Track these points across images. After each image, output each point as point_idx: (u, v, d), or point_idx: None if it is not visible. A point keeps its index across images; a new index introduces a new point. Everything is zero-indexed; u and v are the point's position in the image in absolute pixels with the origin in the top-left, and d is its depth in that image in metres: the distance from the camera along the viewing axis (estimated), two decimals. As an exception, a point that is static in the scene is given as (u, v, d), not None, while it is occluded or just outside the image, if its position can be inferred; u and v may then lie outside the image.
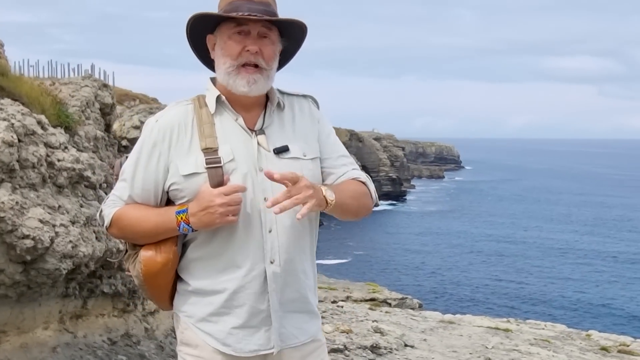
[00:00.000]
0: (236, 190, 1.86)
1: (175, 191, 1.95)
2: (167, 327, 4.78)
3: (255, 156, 1.95)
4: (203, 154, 1.91)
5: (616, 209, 62.74)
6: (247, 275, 1.94)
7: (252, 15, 1.89)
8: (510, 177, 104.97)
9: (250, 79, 1.93)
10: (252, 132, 1.98)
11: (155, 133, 1.96)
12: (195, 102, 2.01)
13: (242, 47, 1.93)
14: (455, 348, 7.79)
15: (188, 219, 1.88)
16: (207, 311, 1.98)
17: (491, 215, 58.59)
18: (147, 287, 2.00)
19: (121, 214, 1.99)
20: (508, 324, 10.82)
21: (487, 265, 37.94)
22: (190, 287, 2.00)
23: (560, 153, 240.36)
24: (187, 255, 2.00)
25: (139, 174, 1.96)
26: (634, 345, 9.76)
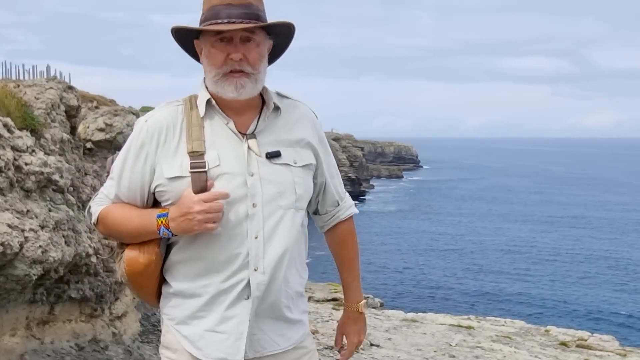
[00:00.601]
0: (217, 197, 1.84)
1: (160, 193, 1.94)
2: (135, 331, 4.74)
3: (245, 161, 1.92)
4: (189, 157, 1.89)
5: (572, 206, 64.02)
6: (226, 280, 1.92)
7: (230, 21, 1.87)
8: (468, 176, 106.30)
9: (237, 84, 1.91)
10: (243, 135, 1.96)
11: (144, 133, 1.94)
12: (187, 103, 1.98)
13: (225, 55, 1.90)
14: (420, 346, 7.87)
15: (168, 224, 1.87)
16: (186, 314, 1.97)
17: (450, 214, 59.26)
18: (132, 286, 2.01)
19: (107, 212, 1.98)
20: (469, 321, 10.94)
21: (447, 263, 38.37)
22: (172, 289, 2.00)
23: (517, 152, 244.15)
24: (170, 257, 1.99)
25: (125, 173, 1.95)
26: (591, 340, 9.96)
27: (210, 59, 1.93)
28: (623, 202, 66.91)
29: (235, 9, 1.88)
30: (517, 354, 7.87)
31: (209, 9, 1.91)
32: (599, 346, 9.51)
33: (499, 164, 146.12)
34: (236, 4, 1.89)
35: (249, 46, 1.92)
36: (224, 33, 1.89)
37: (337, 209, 2.19)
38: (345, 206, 2.20)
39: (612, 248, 42.08)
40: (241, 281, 1.93)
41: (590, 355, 8.54)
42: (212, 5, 1.91)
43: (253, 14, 1.90)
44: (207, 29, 1.90)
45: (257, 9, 1.92)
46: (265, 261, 1.94)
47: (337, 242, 2.23)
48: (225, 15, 1.87)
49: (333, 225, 2.20)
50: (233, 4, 1.88)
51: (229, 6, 1.88)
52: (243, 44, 1.91)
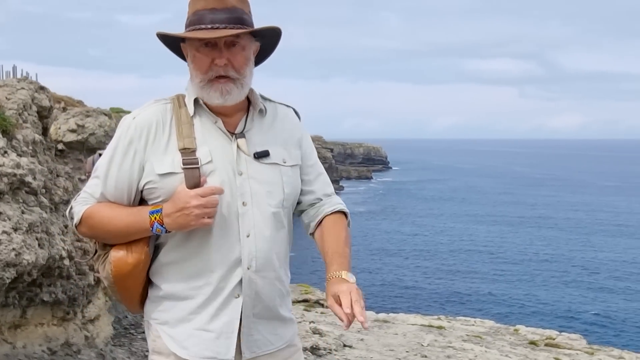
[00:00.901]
0: (213, 192, 1.83)
1: (150, 190, 1.91)
2: (107, 334, 4.69)
3: (235, 159, 1.92)
4: (180, 154, 1.88)
5: (539, 207, 64.91)
6: (222, 280, 1.91)
7: (214, 27, 1.85)
8: (437, 177, 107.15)
9: (223, 90, 1.90)
10: (232, 135, 1.95)
11: (132, 130, 1.91)
12: (175, 102, 1.97)
13: (210, 60, 1.89)
14: (392, 346, 7.90)
15: (162, 220, 1.85)
16: (178, 317, 1.94)
17: (419, 215, 59.68)
18: (116, 288, 1.96)
19: (92, 212, 1.93)
20: (440, 321, 11.02)
21: (417, 264, 38.62)
22: (161, 292, 1.96)
23: (484, 153, 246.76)
24: (159, 258, 1.97)
25: (112, 171, 1.91)
26: (559, 339, 10.10)
27: (195, 65, 1.92)
28: (589, 203, 68.00)
29: (219, 13, 1.87)
30: (488, 354, 7.95)
31: (193, 14, 1.90)
32: (567, 345, 9.65)
33: (467, 165, 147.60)
34: (220, 9, 1.87)
35: (234, 51, 1.90)
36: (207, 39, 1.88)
37: (323, 203, 2.15)
38: (332, 202, 2.17)
39: (578, 248, 42.75)
40: (235, 280, 1.92)
41: (559, 354, 8.66)
42: (196, 9, 1.90)
43: (237, 19, 1.89)
44: (189, 37, 1.89)
45: (242, 12, 1.91)
46: (257, 260, 1.93)
47: (324, 231, 2.09)
48: (209, 20, 1.86)
49: (320, 221, 2.14)
50: (217, 8, 1.87)
51: (213, 11, 1.87)
52: (228, 49, 1.89)
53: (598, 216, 57.99)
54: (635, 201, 69.37)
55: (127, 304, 2.06)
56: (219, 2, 1.88)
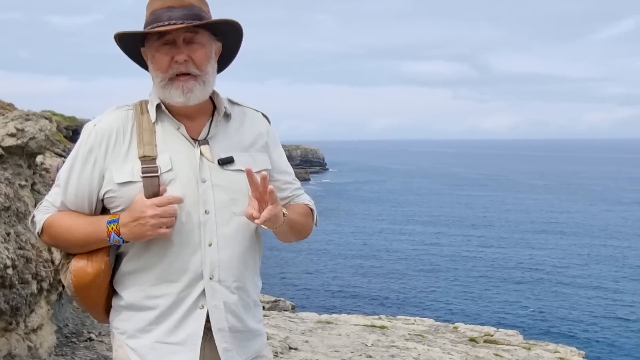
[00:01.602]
0: (170, 202, 1.79)
1: (110, 199, 1.87)
2: (51, 344, 4.56)
3: (197, 166, 1.88)
4: (140, 162, 1.84)
5: (473, 207, 66.20)
6: (182, 290, 1.87)
7: (171, 23, 1.83)
8: (374, 178, 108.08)
9: (184, 88, 1.86)
10: (195, 141, 1.91)
11: (93, 138, 1.88)
12: (137, 108, 1.93)
13: (170, 58, 1.86)
14: (337, 348, 7.94)
15: (119, 230, 1.81)
16: (137, 327, 1.91)
17: (358, 216, 60.08)
18: (79, 298, 1.92)
19: (52, 221, 1.90)
20: (382, 321, 11.13)
21: (357, 264, 38.86)
22: (123, 302, 1.93)
23: (420, 154, 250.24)
24: (120, 268, 1.93)
25: (72, 180, 1.88)
26: (497, 335, 10.35)
27: (155, 64, 1.89)
28: (521, 202, 69.76)
29: (177, 11, 1.85)
30: (430, 352, 8.07)
31: (151, 14, 1.88)
32: (505, 340, 9.89)
33: (403, 166, 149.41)
34: (177, 6, 1.85)
35: (193, 47, 1.88)
36: (166, 36, 1.86)
37: (289, 199, 2.13)
38: (300, 199, 2.16)
39: (512, 247, 43.78)
40: (196, 291, 1.88)
41: (498, 350, 8.86)
42: (153, 9, 1.87)
43: (195, 15, 1.87)
44: (146, 32, 1.86)
45: (200, 9, 1.89)
46: (220, 270, 1.89)
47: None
48: (166, 17, 1.84)
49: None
50: (174, 6, 1.85)
51: (170, 9, 1.85)
52: (187, 46, 1.87)
53: (530, 215, 59.52)
54: (564, 199, 71.59)
55: (92, 313, 2.04)
56: (175, 1, 1.85)
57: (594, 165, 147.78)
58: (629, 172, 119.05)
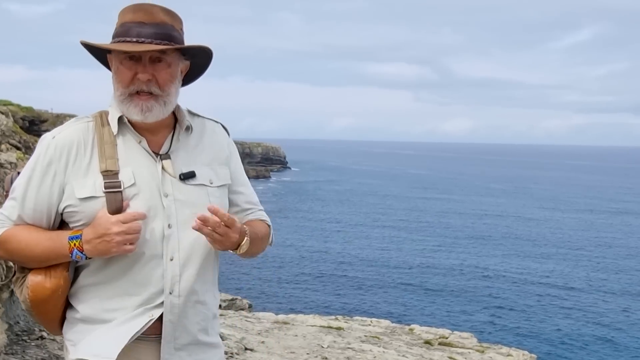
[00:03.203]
0: (135, 218, 1.77)
1: (70, 214, 1.84)
2: (2, 343, 4.47)
3: (160, 181, 1.86)
4: (102, 177, 1.81)
5: (430, 209, 66.87)
6: (140, 305, 1.85)
7: (139, 41, 1.79)
8: (334, 177, 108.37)
9: (143, 107, 1.83)
10: (157, 155, 1.89)
11: (52, 150, 1.83)
12: (97, 119, 1.89)
13: (133, 74, 1.82)
14: (293, 349, 7.94)
15: (82, 246, 1.78)
16: (92, 340, 1.87)
17: (316, 216, 60.16)
18: (34, 313, 1.88)
19: (9, 235, 1.84)
20: (338, 322, 11.16)
21: (313, 263, 38.94)
22: (78, 315, 1.89)
23: (380, 155, 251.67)
24: (78, 281, 1.89)
25: (30, 193, 1.83)
26: (452, 337, 10.45)
27: (117, 77, 1.85)
28: (479, 206, 70.63)
29: (147, 28, 1.81)
30: (386, 354, 8.12)
31: (121, 26, 1.84)
32: (460, 343, 10.00)
33: (363, 167, 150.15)
34: (148, 23, 1.81)
35: (158, 67, 1.84)
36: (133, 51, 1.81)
37: (247, 212, 2.12)
38: (258, 214, 2.15)
39: (468, 250, 44.33)
40: (156, 305, 1.86)
41: (453, 353, 8.96)
42: (124, 21, 1.83)
43: (165, 35, 1.83)
44: (112, 48, 1.82)
45: (172, 28, 1.85)
46: (181, 284, 1.88)
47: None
48: (135, 33, 1.80)
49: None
50: (145, 22, 1.81)
51: (141, 24, 1.81)
52: (153, 64, 1.83)
53: (485, 218, 60.36)
54: (520, 204, 72.72)
55: (46, 327, 1.99)
56: (147, 16, 1.82)
57: (550, 170, 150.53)
58: (585, 179, 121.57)
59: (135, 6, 1.85)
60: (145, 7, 1.84)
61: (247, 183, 2.14)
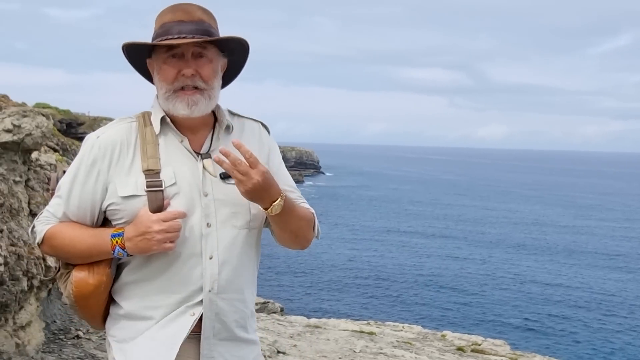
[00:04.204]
0: (175, 217, 1.81)
1: (113, 212, 1.88)
2: (39, 341, 4.55)
3: (200, 180, 1.89)
4: (144, 176, 1.85)
5: (465, 215, 66.32)
6: (181, 302, 1.89)
7: (181, 37, 1.84)
8: (368, 183, 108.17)
9: (189, 101, 1.87)
10: (198, 155, 1.92)
11: (96, 150, 1.88)
12: (140, 120, 1.93)
13: (177, 71, 1.87)
14: (325, 353, 7.94)
15: (123, 243, 1.82)
16: (133, 336, 1.91)
17: (349, 221, 60.09)
18: (78, 308, 1.92)
19: (54, 232, 1.90)
20: (370, 327, 11.14)
21: (345, 268, 38.89)
22: (121, 311, 1.94)
23: (414, 160, 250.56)
24: (121, 277, 1.93)
25: (75, 191, 1.88)
26: (484, 345, 10.36)
27: (161, 76, 1.90)
28: (514, 213, 69.83)
29: (187, 25, 1.86)
30: (418, 360, 8.09)
31: (161, 27, 1.89)
32: (493, 351, 9.90)
33: (397, 172, 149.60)
34: (187, 21, 1.86)
35: (201, 62, 1.89)
36: (175, 49, 1.87)
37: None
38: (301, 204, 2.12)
39: (502, 257, 43.86)
40: (196, 302, 1.90)
41: (486, 360, 8.89)
42: (163, 22, 1.89)
43: (204, 30, 1.88)
44: (156, 44, 1.87)
45: (209, 25, 1.91)
46: (220, 282, 1.91)
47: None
48: (176, 31, 1.85)
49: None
50: (184, 20, 1.86)
51: (181, 23, 1.86)
52: (195, 60, 1.88)
53: (521, 226, 59.65)
54: (556, 212, 71.74)
55: (89, 322, 2.03)
56: (186, 15, 1.87)
57: (586, 178, 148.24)
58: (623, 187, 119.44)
59: (173, 7, 1.90)
60: (183, 7, 1.89)
61: (289, 179, 2.14)
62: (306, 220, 2.05)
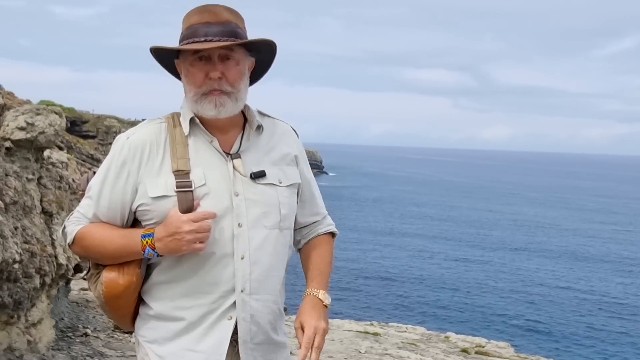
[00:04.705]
0: (205, 217, 1.81)
1: (143, 212, 1.89)
2: (50, 339, 4.58)
3: (231, 181, 1.90)
4: (174, 176, 1.85)
5: (468, 217, 66.26)
6: (213, 302, 1.89)
7: (208, 40, 1.84)
8: (371, 183, 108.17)
9: (217, 102, 1.88)
10: (228, 155, 1.93)
11: (126, 151, 1.89)
12: (169, 121, 1.94)
13: (204, 74, 1.87)
14: (331, 353, 7.95)
15: (154, 244, 1.82)
16: (165, 336, 1.92)
17: (352, 222, 60.06)
18: (108, 308, 1.93)
19: (84, 232, 1.91)
20: (374, 327, 11.13)
21: (347, 268, 38.87)
22: (152, 312, 1.94)
23: (417, 161, 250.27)
24: (151, 278, 1.94)
25: (105, 192, 1.89)
26: (488, 347, 10.35)
27: (189, 79, 1.90)
28: (517, 215, 69.75)
29: (214, 27, 1.86)
30: (423, 361, 8.09)
31: (188, 28, 1.89)
32: (496, 352, 9.89)
33: (400, 173, 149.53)
34: (214, 22, 1.87)
35: (228, 64, 1.89)
36: (201, 52, 1.87)
37: (317, 224, 2.17)
38: (326, 222, 2.19)
39: (504, 258, 43.82)
40: (227, 303, 1.90)
41: (490, 362, 8.88)
42: (190, 24, 1.89)
43: (231, 32, 1.88)
44: (183, 48, 1.87)
45: (236, 26, 1.91)
46: (252, 283, 1.91)
47: (310, 249, 2.16)
48: (203, 33, 1.85)
49: (309, 239, 2.17)
50: (211, 22, 1.86)
51: (207, 24, 1.86)
52: (222, 62, 1.88)
53: (524, 228, 59.57)
54: (560, 215, 71.62)
55: (119, 322, 2.04)
56: (213, 16, 1.87)
57: (590, 180, 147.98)
58: (627, 190, 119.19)
59: (200, 8, 1.90)
60: (209, 8, 1.89)
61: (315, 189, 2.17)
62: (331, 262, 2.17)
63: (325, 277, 2.08)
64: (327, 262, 2.14)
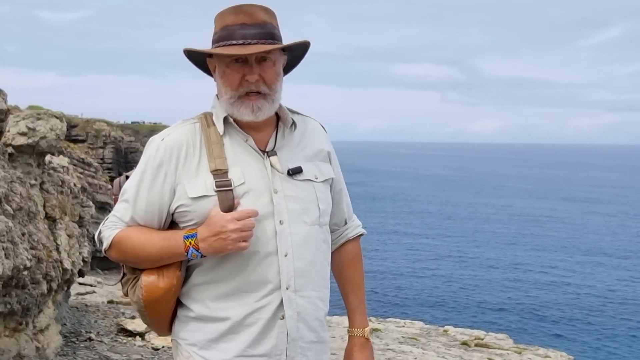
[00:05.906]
0: (249, 215, 1.79)
1: (182, 214, 1.86)
2: (57, 345, 4.56)
3: (269, 178, 1.88)
4: (212, 176, 1.83)
5: (459, 209, 66.45)
6: (259, 301, 1.86)
7: (245, 43, 1.81)
8: (362, 179, 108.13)
9: (254, 107, 1.86)
10: (264, 153, 1.91)
11: (162, 152, 1.86)
12: (203, 121, 1.92)
13: (241, 76, 1.85)
14: (333, 350, 7.90)
15: (197, 245, 1.79)
16: (210, 338, 1.89)
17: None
18: (147, 313, 1.90)
19: (122, 236, 1.87)
20: (372, 323, 11.13)
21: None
22: (192, 314, 1.91)
23: (408, 156, 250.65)
24: (191, 279, 1.91)
25: (142, 195, 1.87)
26: (487, 339, 10.38)
27: (225, 80, 1.87)
28: (510, 208, 69.95)
29: (250, 29, 1.83)
30: (426, 355, 8.10)
31: (223, 29, 1.86)
32: (496, 344, 9.93)
33: (391, 168, 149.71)
34: (251, 24, 1.84)
35: (265, 66, 1.86)
36: None
37: (346, 227, 2.15)
38: (354, 224, 2.18)
39: (497, 249, 43.97)
40: (274, 301, 1.87)
41: (491, 354, 8.91)
42: (225, 25, 1.85)
43: (268, 34, 1.86)
44: (220, 53, 1.84)
45: (272, 26, 1.88)
46: (297, 280, 1.88)
47: (344, 262, 2.14)
48: (240, 36, 1.82)
49: (340, 245, 2.14)
50: (247, 23, 1.83)
51: (243, 26, 1.83)
52: (259, 64, 1.86)
53: (516, 218, 59.79)
54: (552, 205, 71.89)
55: (156, 328, 2.00)
56: (249, 17, 1.84)
57: (581, 170, 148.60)
58: (616, 179, 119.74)
59: (235, 8, 1.86)
60: (245, 9, 1.85)
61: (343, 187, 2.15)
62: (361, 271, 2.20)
63: (364, 303, 2.14)
64: (362, 279, 2.16)
